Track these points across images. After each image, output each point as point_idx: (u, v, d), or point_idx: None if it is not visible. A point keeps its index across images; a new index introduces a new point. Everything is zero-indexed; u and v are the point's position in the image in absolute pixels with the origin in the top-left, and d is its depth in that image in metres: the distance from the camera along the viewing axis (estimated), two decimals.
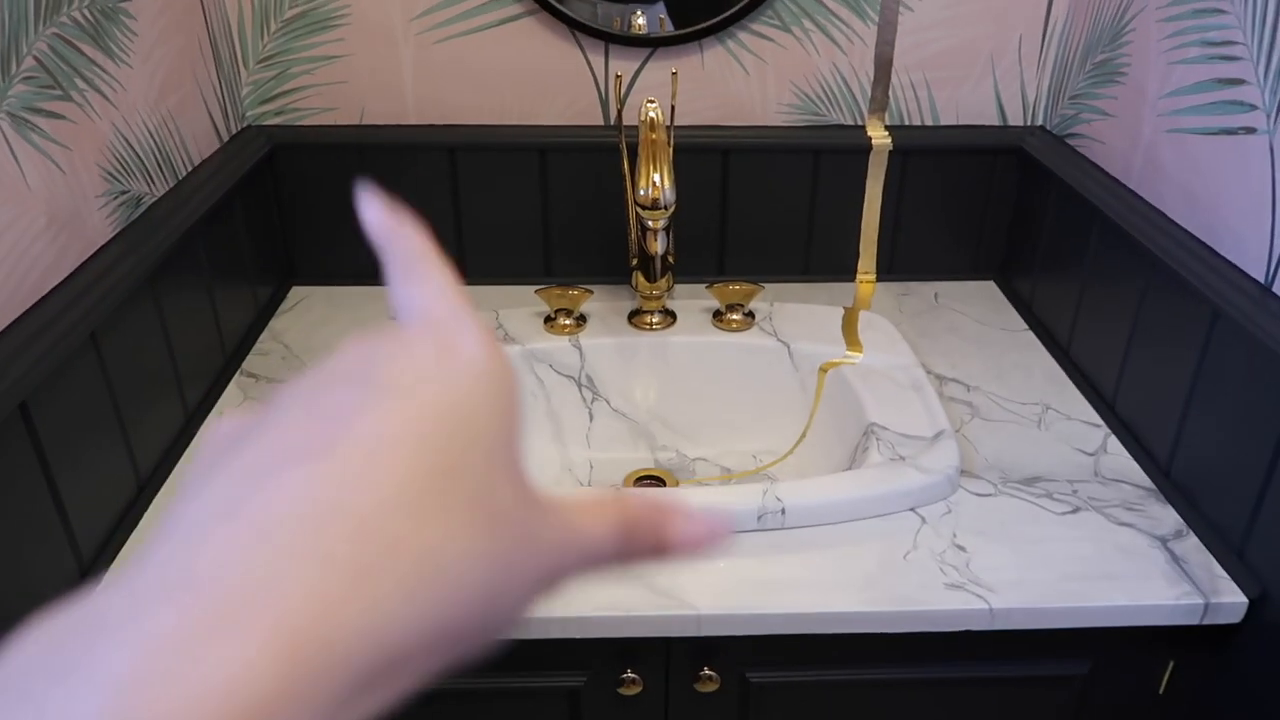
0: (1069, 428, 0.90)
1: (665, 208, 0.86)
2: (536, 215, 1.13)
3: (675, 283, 1.03)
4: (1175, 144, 0.86)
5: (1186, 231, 0.83)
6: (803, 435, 1.00)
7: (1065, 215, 1.02)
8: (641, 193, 0.86)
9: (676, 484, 0.99)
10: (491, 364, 0.24)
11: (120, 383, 0.77)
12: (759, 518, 0.77)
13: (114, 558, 0.74)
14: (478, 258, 1.15)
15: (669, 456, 1.02)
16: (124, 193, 0.82)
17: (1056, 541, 0.76)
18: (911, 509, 0.80)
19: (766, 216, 1.13)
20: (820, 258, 1.16)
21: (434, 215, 1.13)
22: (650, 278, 1.00)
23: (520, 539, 0.22)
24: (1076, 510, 0.80)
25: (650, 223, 0.88)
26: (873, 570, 0.74)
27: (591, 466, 1.01)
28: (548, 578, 0.23)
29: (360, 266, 1.15)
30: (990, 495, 0.81)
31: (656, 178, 0.85)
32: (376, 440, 0.20)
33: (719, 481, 0.99)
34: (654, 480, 1.00)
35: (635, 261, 0.99)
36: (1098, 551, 0.75)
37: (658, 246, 0.92)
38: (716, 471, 1.01)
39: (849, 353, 0.98)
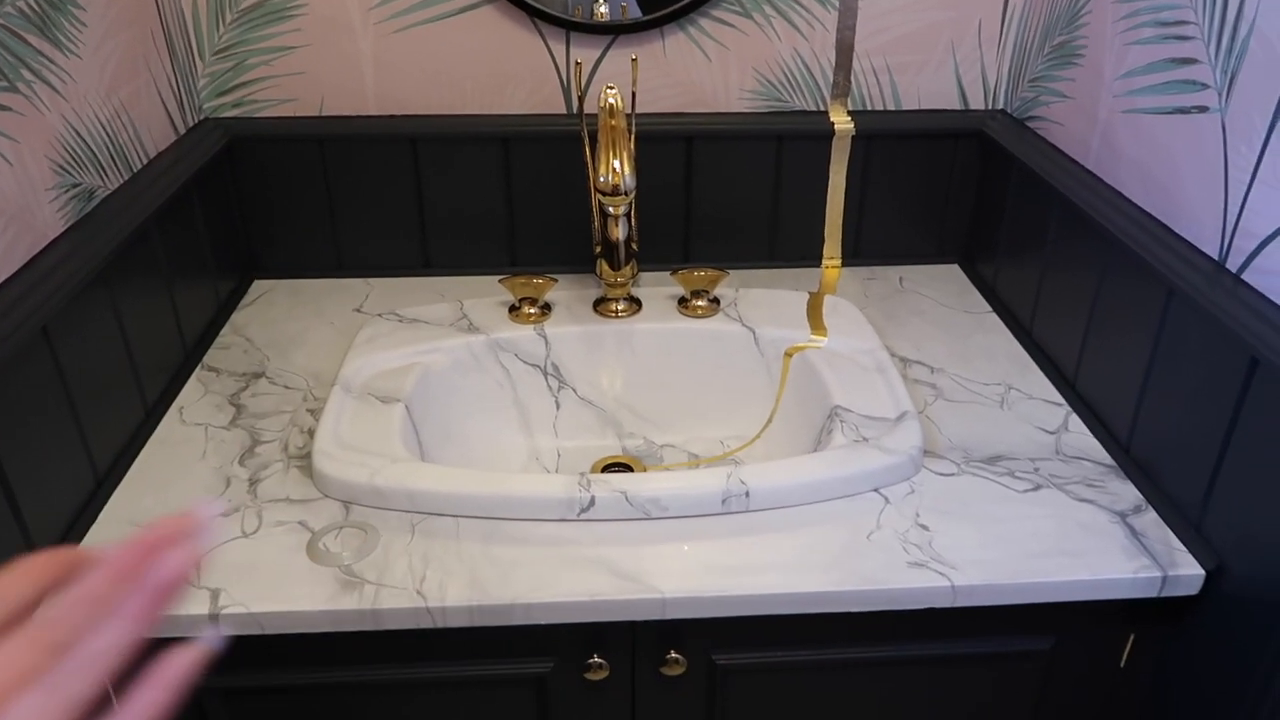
0: (1031, 407, 0.91)
1: (625, 194, 0.86)
2: (500, 205, 1.12)
3: (640, 270, 1.03)
4: (1131, 124, 0.87)
5: (1144, 211, 0.84)
6: (769, 420, 1.00)
7: (1026, 198, 1.03)
8: (601, 179, 0.86)
9: (644, 470, 0.99)
10: None
11: (75, 379, 0.76)
12: (723, 501, 0.77)
13: None
14: (441, 248, 1.15)
15: (637, 444, 1.02)
16: (75, 186, 0.81)
17: (1018, 519, 0.77)
18: (875, 490, 0.80)
19: (731, 203, 1.13)
20: (785, 244, 1.16)
21: (396, 206, 1.12)
22: (614, 265, 1.00)
23: None
24: (1038, 488, 0.80)
25: (611, 209, 0.88)
26: (837, 551, 0.74)
27: (559, 455, 1.01)
28: None
29: (323, 259, 1.15)
30: (953, 475, 0.82)
31: (616, 164, 0.85)
32: None
33: (686, 468, 0.99)
34: (622, 468, 1.00)
35: (599, 249, 0.99)
36: (1059, 528, 0.76)
37: (619, 233, 0.92)
38: (684, 458, 1.01)
39: (814, 337, 0.99)
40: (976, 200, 1.15)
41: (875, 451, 0.81)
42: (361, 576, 0.71)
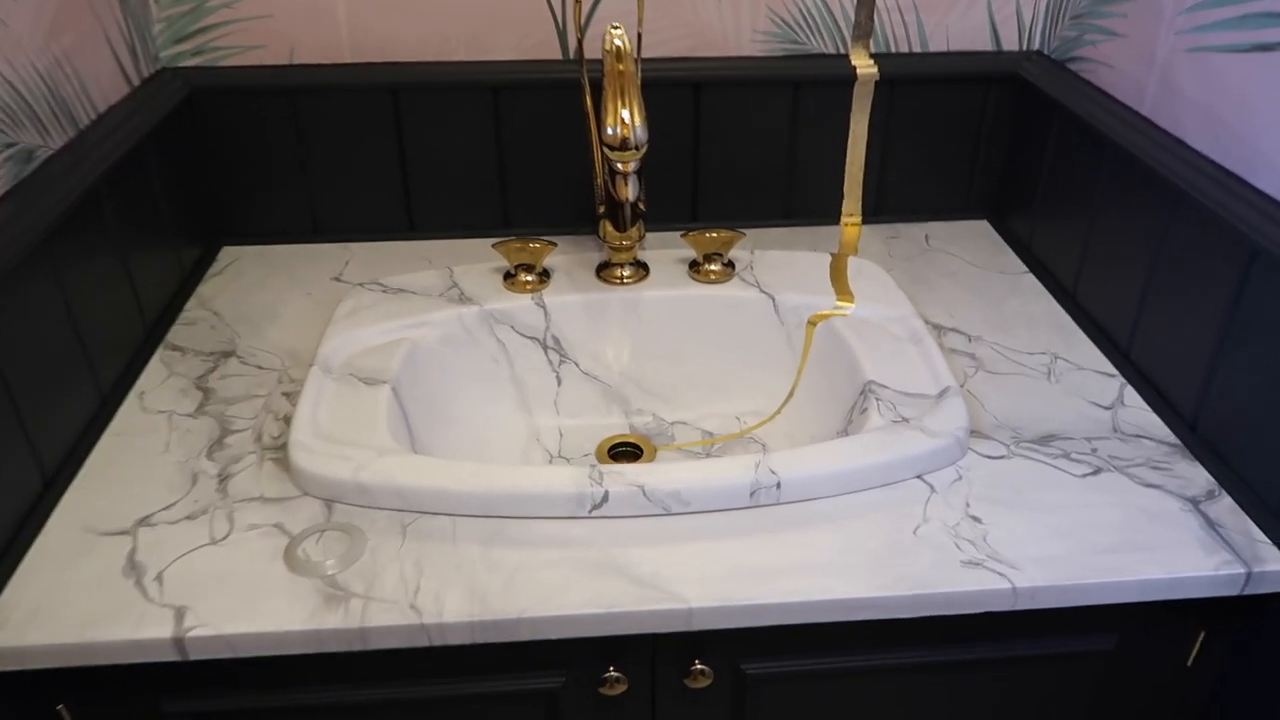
0: (1081, 379, 0.83)
1: (636, 148, 0.76)
2: (491, 161, 1.02)
3: (646, 231, 0.94)
4: (1197, 64, 0.77)
5: (1212, 161, 0.75)
6: (790, 394, 0.92)
7: (1069, 147, 0.94)
8: (609, 132, 0.76)
9: (654, 451, 0.91)
10: None
11: (15, 364, 0.67)
12: (752, 493, 0.69)
13: (14, 569, 0.64)
14: (428, 210, 1.05)
15: (645, 421, 0.94)
16: (11, 145, 0.71)
17: (1079, 508, 0.69)
18: (918, 476, 0.72)
19: (743, 156, 1.04)
20: (802, 200, 1.07)
21: (376, 164, 1.02)
22: (619, 227, 0.90)
23: None
24: (1098, 471, 0.72)
25: (620, 166, 0.78)
26: (880, 549, 0.66)
27: (561, 435, 0.93)
28: None
29: (297, 222, 1.05)
30: (1003, 458, 0.74)
31: (625, 114, 0.75)
32: None
33: (701, 448, 0.91)
34: (630, 448, 0.92)
35: (602, 209, 0.89)
36: (1125, 517, 0.68)
37: (628, 193, 0.82)
38: (698, 436, 0.93)
39: (839, 303, 0.90)
40: (1010, 151, 1.06)
41: (917, 434, 0.73)
42: (347, 588, 0.63)
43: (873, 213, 1.08)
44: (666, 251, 0.97)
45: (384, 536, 0.67)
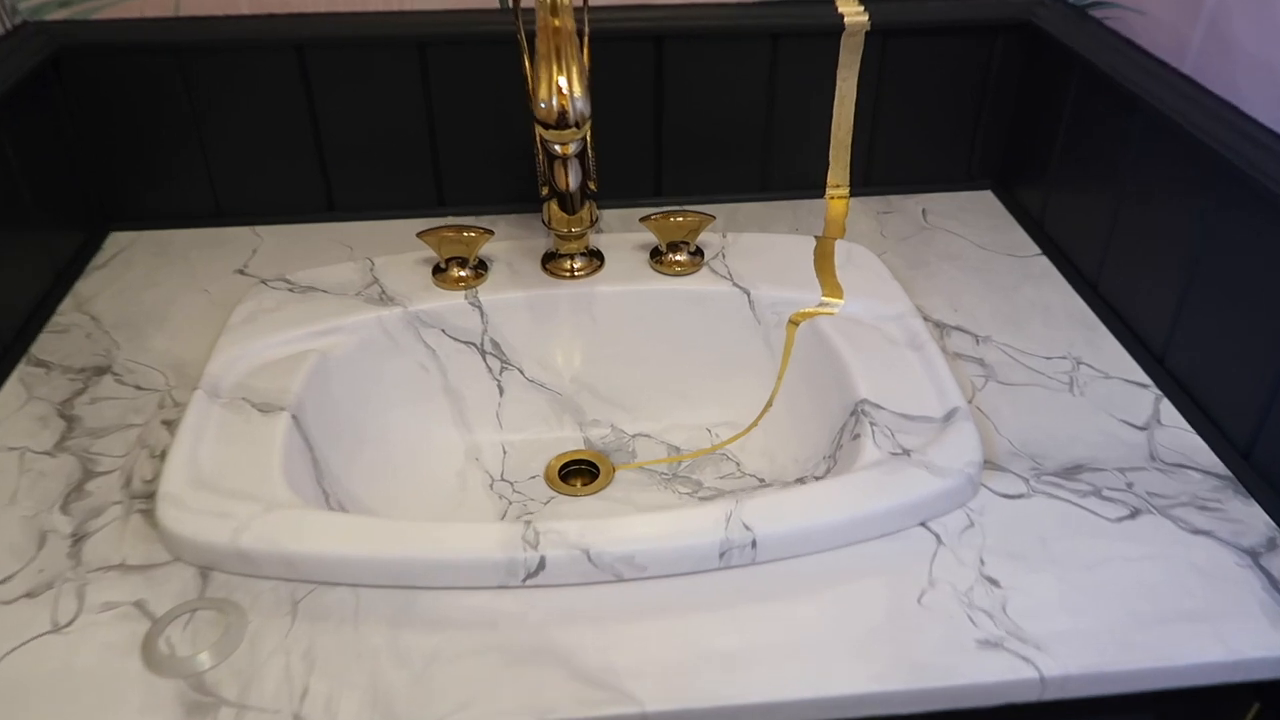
0: (1108, 390, 0.71)
1: (575, 125, 0.62)
2: (420, 130, 0.88)
3: (602, 210, 0.80)
4: (1259, 10, 0.64)
5: (1273, 132, 0.62)
6: (769, 403, 0.79)
7: (1090, 109, 0.80)
8: (542, 105, 0.61)
9: (612, 471, 0.78)
10: None
11: None
12: (721, 554, 0.57)
13: None
14: (348, 187, 0.90)
15: (603, 434, 0.81)
16: None
17: (1115, 563, 0.57)
18: (922, 523, 0.60)
19: (713, 120, 0.90)
20: (782, 170, 0.93)
21: (286, 135, 0.87)
22: (568, 209, 0.76)
23: None
24: (1135, 514, 0.61)
25: (557, 147, 0.64)
26: (877, 623, 0.54)
27: (505, 452, 0.80)
28: None
29: (197, 203, 0.90)
30: (1022, 496, 0.62)
31: (562, 82, 0.60)
32: None
33: (667, 466, 0.78)
34: (585, 466, 0.79)
35: (546, 190, 0.75)
36: (1170, 575, 0.56)
37: (569, 180, 0.68)
38: (662, 451, 0.80)
39: (826, 299, 0.77)
40: (1018, 110, 0.92)
41: (921, 472, 0.61)
42: (216, 693, 0.50)
43: (862, 183, 0.95)
44: (625, 236, 0.84)
45: (269, 616, 0.54)
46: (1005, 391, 0.71)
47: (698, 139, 0.90)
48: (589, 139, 0.69)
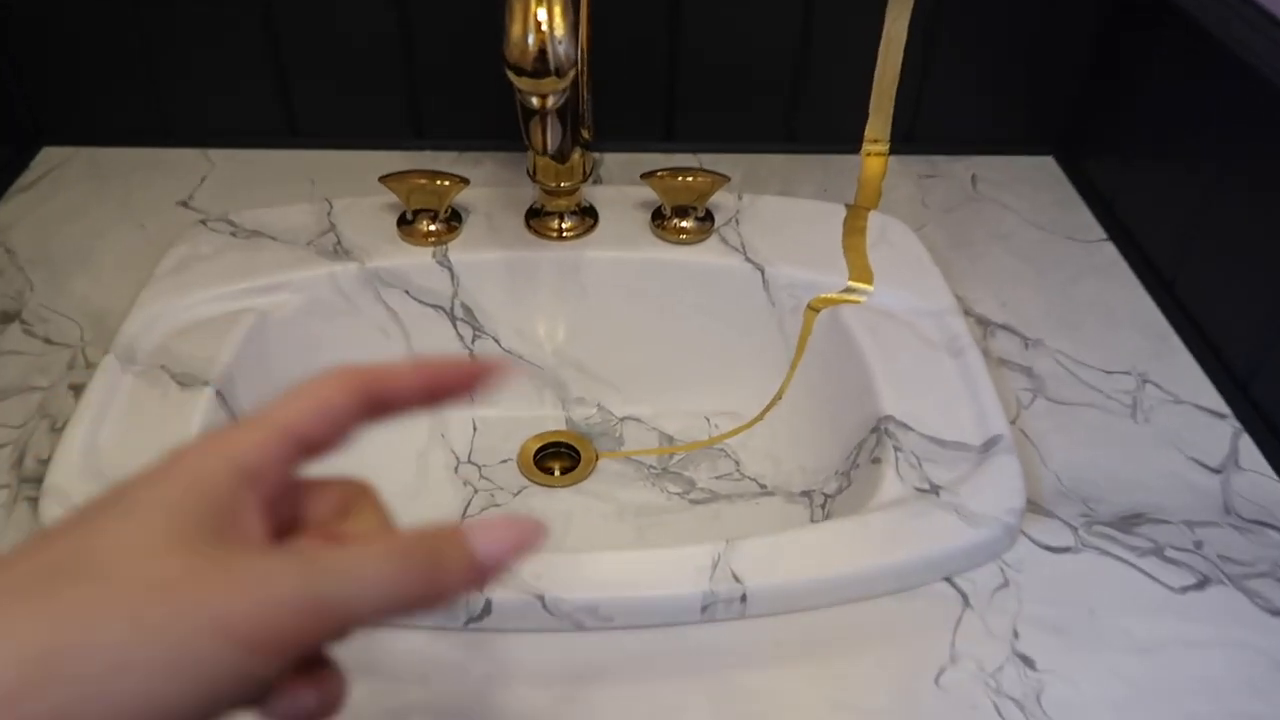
0: (1179, 419, 0.60)
1: (556, 72, 0.49)
2: (394, 44, 0.76)
3: (602, 150, 0.68)
4: None
5: None
6: (778, 395, 0.69)
7: (1189, 69, 0.67)
8: (514, 44, 0.49)
9: (594, 458, 0.69)
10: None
11: None
12: (704, 608, 0.47)
13: None
14: (313, 109, 0.79)
15: (587, 414, 0.72)
16: None
17: (1174, 648, 0.48)
18: (947, 579, 0.50)
19: (737, 56, 0.77)
20: (812, 118, 0.81)
21: (240, 43, 0.75)
22: (557, 159, 0.65)
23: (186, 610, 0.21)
24: (1203, 584, 0.51)
25: (533, 100, 0.52)
26: (884, 705, 0.45)
27: (475, 429, 0.70)
28: (265, 639, 0.22)
29: (144, 120, 0.79)
30: (1069, 550, 0.52)
31: (541, 14, 0.48)
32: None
33: (655, 459, 0.69)
34: (566, 450, 0.70)
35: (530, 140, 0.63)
36: (1238, 669, 0.47)
37: (546, 140, 0.56)
38: (653, 439, 0.71)
39: (853, 284, 0.66)
40: (1095, 64, 0.79)
41: (951, 516, 0.51)
42: None
43: (904, 139, 0.82)
44: (625, 191, 0.72)
45: None
46: (1056, 413, 0.60)
47: (718, 77, 0.78)
48: (582, 78, 0.57)
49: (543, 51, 0.48)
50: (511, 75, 0.49)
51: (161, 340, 0.59)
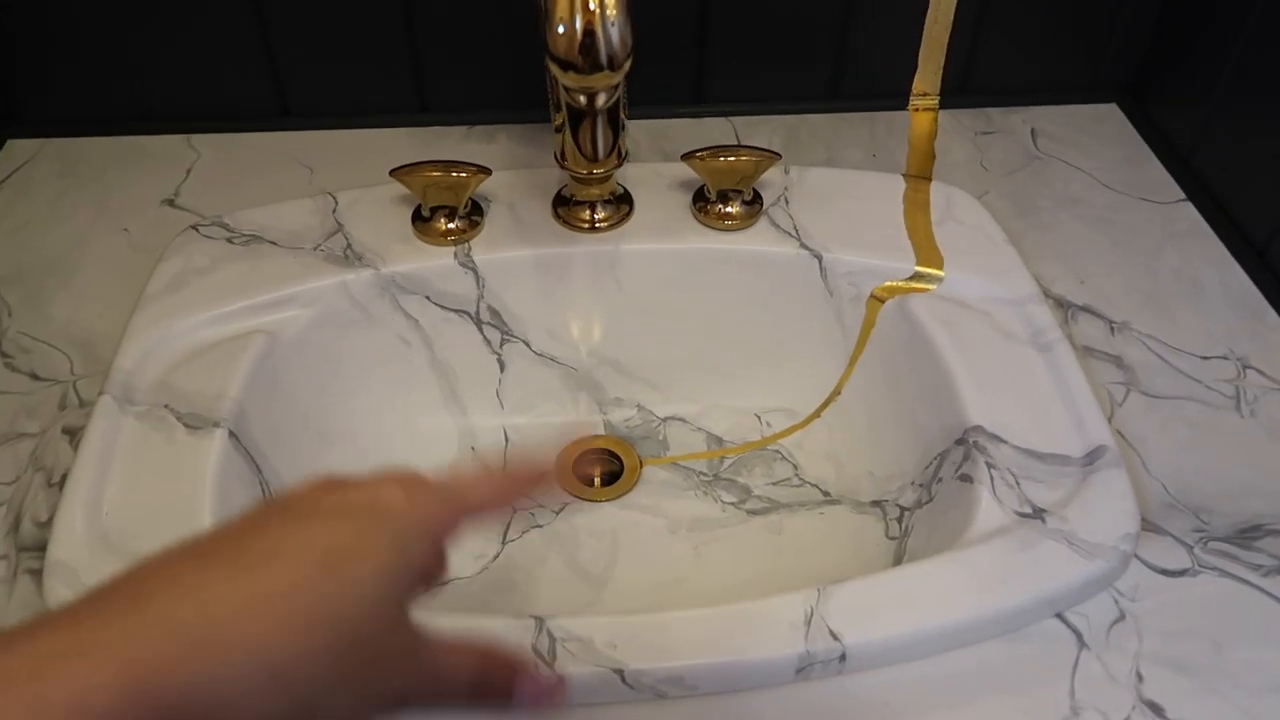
0: None
1: (609, 64, 0.42)
2: (390, 4, 0.68)
3: (629, 117, 0.60)
4: None
5: None
6: (836, 391, 0.63)
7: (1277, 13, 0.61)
8: (560, 29, 0.41)
9: (638, 466, 0.64)
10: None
11: None
12: (799, 670, 0.42)
13: None
14: (305, 84, 0.71)
15: (627, 416, 0.66)
16: None
17: None
18: (1057, 615, 0.46)
19: (773, 5, 0.70)
20: (856, 73, 0.74)
21: (224, 15, 0.67)
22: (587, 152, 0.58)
23: (370, 661, 0.26)
24: None
25: (580, 98, 0.44)
26: None
27: (508, 437, 0.65)
28: (388, 698, 0.27)
29: (119, 105, 0.71)
30: (1185, 573, 0.47)
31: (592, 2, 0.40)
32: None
33: (705, 464, 0.63)
34: (607, 457, 0.65)
35: (558, 123, 0.56)
36: None
37: (597, 144, 0.49)
38: (700, 440, 0.65)
39: (921, 269, 0.60)
40: (1165, 4, 0.71)
41: (1062, 547, 0.46)
42: None
43: (956, 91, 0.75)
44: (659, 170, 0.65)
45: None
46: (1152, 408, 0.55)
47: (754, 28, 0.70)
48: (625, 85, 0.50)
49: (592, 37, 0.40)
50: (555, 69, 0.42)
51: (161, 374, 0.53)
